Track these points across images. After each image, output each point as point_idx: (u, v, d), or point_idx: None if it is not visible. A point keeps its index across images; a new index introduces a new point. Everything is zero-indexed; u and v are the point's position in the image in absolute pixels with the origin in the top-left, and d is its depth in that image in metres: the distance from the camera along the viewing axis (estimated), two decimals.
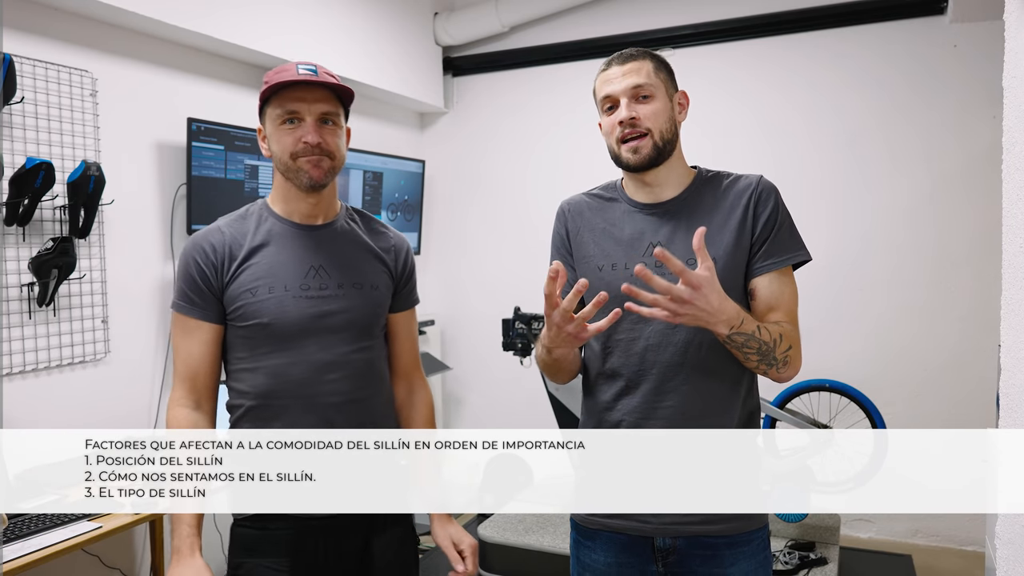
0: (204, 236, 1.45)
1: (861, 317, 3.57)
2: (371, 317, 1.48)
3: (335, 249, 1.47)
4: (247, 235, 1.45)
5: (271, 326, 1.40)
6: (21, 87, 2.24)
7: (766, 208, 1.36)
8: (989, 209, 3.02)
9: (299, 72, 1.37)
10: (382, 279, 1.51)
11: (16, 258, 2.27)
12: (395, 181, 3.97)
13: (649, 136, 1.34)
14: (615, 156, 1.39)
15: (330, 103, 1.41)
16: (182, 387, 1.44)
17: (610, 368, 1.39)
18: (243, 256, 1.43)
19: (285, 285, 1.41)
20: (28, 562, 1.81)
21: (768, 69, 3.69)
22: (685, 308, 1.16)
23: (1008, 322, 1.13)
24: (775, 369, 1.30)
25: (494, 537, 2.91)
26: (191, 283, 1.43)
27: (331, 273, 1.45)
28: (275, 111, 1.40)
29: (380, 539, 1.48)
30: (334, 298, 1.43)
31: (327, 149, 1.40)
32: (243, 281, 1.42)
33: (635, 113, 1.34)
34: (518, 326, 3.08)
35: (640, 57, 1.38)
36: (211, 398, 1.48)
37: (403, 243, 1.59)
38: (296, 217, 1.47)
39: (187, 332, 1.44)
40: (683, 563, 1.35)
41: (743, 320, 1.23)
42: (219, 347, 1.46)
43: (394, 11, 3.82)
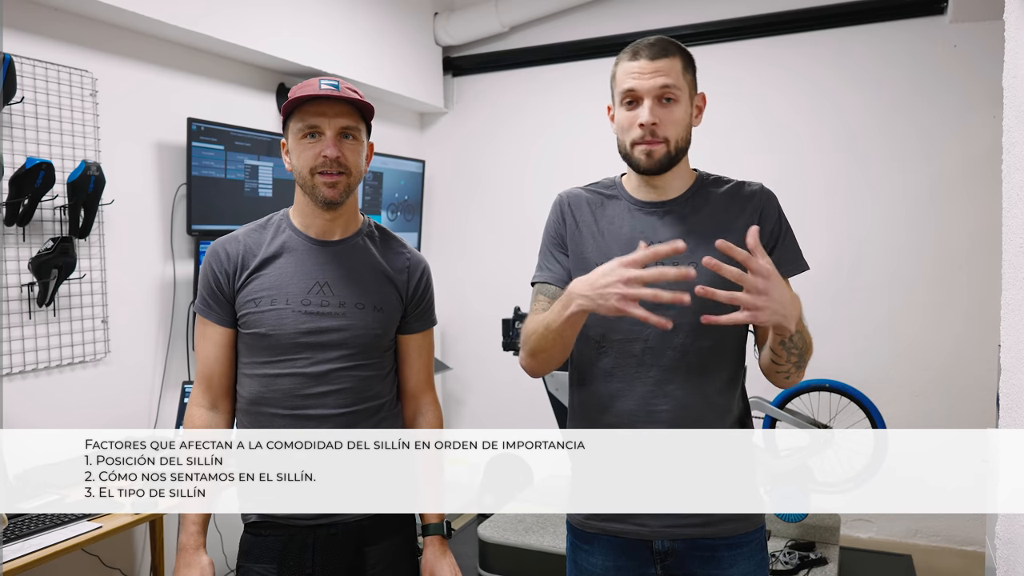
0: (223, 243, 1.50)
1: (861, 317, 3.57)
2: (370, 338, 1.47)
3: (345, 267, 1.48)
4: (262, 245, 1.48)
5: (268, 337, 1.44)
6: (21, 87, 2.24)
7: (770, 220, 1.36)
8: (989, 209, 3.02)
9: (321, 87, 1.40)
10: (389, 300, 1.50)
11: (16, 258, 2.27)
12: (395, 181, 3.97)
13: (665, 145, 1.31)
14: (625, 154, 1.35)
15: (351, 118, 1.43)
16: (199, 387, 1.50)
17: (604, 369, 1.36)
18: (255, 266, 1.47)
19: (287, 299, 1.44)
20: (28, 562, 1.81)
21: (768, 69, 3.69)
22: (763, 300, 1.07)
23: (1008, 322, 1.13)
24: (797, 374, 1.28)
25: (494, 537, 2.91)
26: (207, 287, 1.48)
27: (335, 291, 1.46)
28: (296, 125, 1.43)
29: (375, 550, 1.48)
30: (333, 316, 1.44)
31: (345, 164, 1.42)
32: (251, 291, 1.46)
33: (657, 119, 1.29)
34: (518, 326, 3.08)
35: (672, 53, 1.31)
36: (227, 397, 1.51)
37: (419, 264, 1.57)
38: (312, 231, 1.49)
39: (204, 334, 1.50)
40: (682, 565, 1.35)
41: (801, 318, 1.21)
42: (233, 350, 1.50)
43: (394, 11, 3.82)
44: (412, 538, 1.56)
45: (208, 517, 1.46)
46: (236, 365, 1.51)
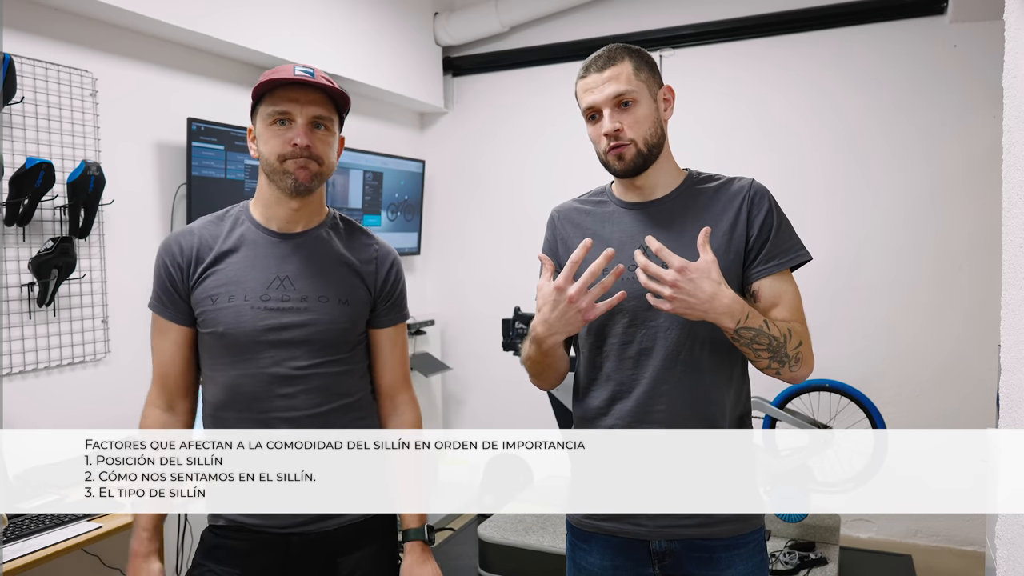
0: (176, 236, 1.43)
1: (861, 317, 3.57)
2: (337, 332, 1.40)
3: (307, 260, 1.41)
4: (219, 238, 1.41)
5: (226, 336, 1.37)
6: (21, 87, 2.24)
7: (760, 211, 1.35)
8: (989, 209, 3.02)
9: (295, 73, 1.34)
10: (356, 293, 1.43)
11: (16, 258, 2.27)
12: (395, 181, 3.97)
13: (633, 144, 1.32)
14: (603, 163, 1.38)
15: (323, 107, 1.37)
16: (155, 387, 1.44)
17: (603, 373, 1.38)
18: (209, 261, 1.39)
19: (245, 295, 1.37)
20: (28, 562, 1.81)
21: (768, 69, 3.69)
22: (670, 291, 1.19)
23: (1008, 322, 1.12)
24: (788, 367, 1.28)
25: (494, 537, 2.91)
26: (160, 284, 1.42)
27: (296, 285, 1.39)
28: (266, 110, 1.36)
29: (348, 560, 1.41)
30: (295, 311, 1.37)
31: (315, 154, 1.35)
32: (206, 287, 1.38)
33: (619, 124, 1.31)
34: (518, 326, 3.08)
35: (618, 60, 1.33)
36: (185, 398, 1.46)
37: (387, 256, 1.50)
38: (274, 223, 1.42)
39: (159, 332, 1.43)
40: (679, 566, 1.34)
41: (748, 314, 1.22)
42: (191, 349, 1.44)
43: (394, 11, 3.82)
44: (391, 547, 1.49)
45: (162, 521, 1.40)
46: (196, 365, 1.45)
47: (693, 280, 1.18)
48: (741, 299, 1.23)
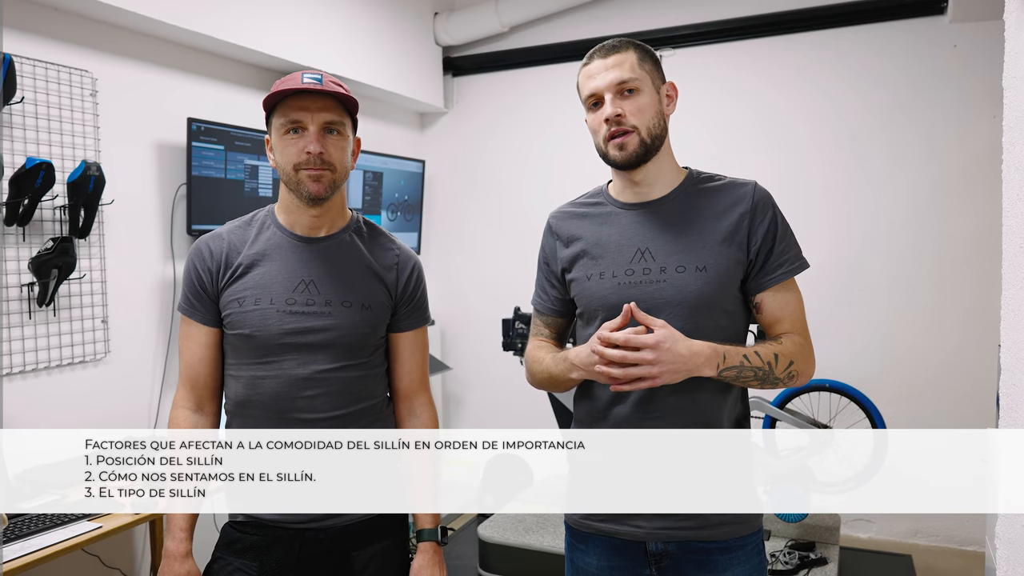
0: (206, 240, 1.47)
1: (861, 317, 3.57)
2: (358, 336, 1.43)
3: (331, 264, 1.44)
4: (246, 243, 1.45)
5: (253, 338, 1.41)
6: (21, 87, 2.24)
7: (764, 219, 1.33)
8: (989, 209, 3.02)
9: (303, 81, 1.36)
10: (377, 298, 1.46)
11: (16, 258, 2.27)
12: (395, 181, 3.97)
13: (635, 133, 1.30)
14: (603, 154, 1.35)
15: (335, 112, 1.39)
16: (183, 388, 1.47)
17: None
18: (238, 265, 1.43)
19: (271, 298, 1.41)
20: (28, 562, 1.81)
21: (768, 69, 3.69)
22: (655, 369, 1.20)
23: (1008, 322, 1.12)
24: (782, 385, 1.30)
25: (494, 537, 2.91)
26: (190, 286, 1.45)
27: (321, 289, 1.42)
28: (279, 120, 1.39)
29: (361, 554, 1.44)
30: (319, 315, 1.41)
31: (328, 160, 1.38)
32: (234, 290, 1.42)
33: (620, 109, 1.30)
34: (518, 326, 3.09)
35: (623, 48, 1.33)
36: (213, 399, 1.49)
37: (409, 261, 1.52)
38: (298, 228, 1.46)
39: (188, 334, 1.47)
40: (677, 568, 1.34)
41: (725, 355, 1.24)
42: (218, 350, 1.47)
43: (394, 11, 3.82)
44: (403, 544, 1.53)
45: (195, 521, 1.43)
46: (222, 366, 1.48)
47: (668, 349, 1.20)
48: (711, 344, 1.24)
